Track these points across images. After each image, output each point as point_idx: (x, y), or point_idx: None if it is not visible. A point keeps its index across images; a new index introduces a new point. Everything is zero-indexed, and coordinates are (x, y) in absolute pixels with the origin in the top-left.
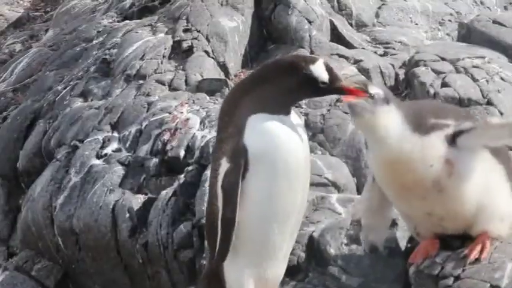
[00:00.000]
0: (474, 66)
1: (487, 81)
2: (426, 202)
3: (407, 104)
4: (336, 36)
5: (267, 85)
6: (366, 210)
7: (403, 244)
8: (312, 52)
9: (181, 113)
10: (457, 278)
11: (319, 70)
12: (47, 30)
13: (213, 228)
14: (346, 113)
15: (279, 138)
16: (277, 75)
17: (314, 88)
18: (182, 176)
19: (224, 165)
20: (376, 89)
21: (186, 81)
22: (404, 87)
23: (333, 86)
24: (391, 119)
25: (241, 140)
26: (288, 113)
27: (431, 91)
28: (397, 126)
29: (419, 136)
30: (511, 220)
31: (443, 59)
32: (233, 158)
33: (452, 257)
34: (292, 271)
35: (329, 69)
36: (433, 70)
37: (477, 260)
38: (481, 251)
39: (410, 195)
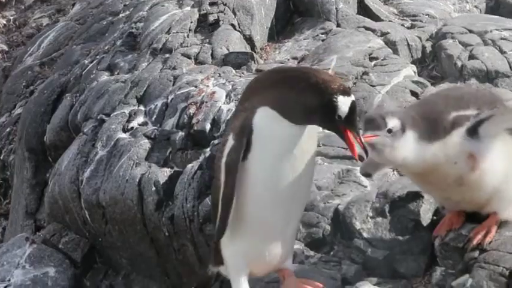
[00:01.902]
0: (502, 39)
1: None
2: (445, 192)
3: (422, 110)
4: (363, 9)
5: (291, 88)
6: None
7: (428, 217)
8: (338, 25)
9: (207, 86)
10: (483, 250)
11: (344, 103)
12: (73, 5)
13: (214, 203)
14: (372, 85)
15: (285, 126)
16: (305, 87)
17: (328, 117)
18: (208, 149)
19: (230, 141)
20: (393, 121)
21: (212, 54)
22: (431, 59)
23: (344, 125)
24: (408, 146)
25: (251, 118)
26: (295, 122)
27: (459, 64)
28: (415, 148)
29: (439, 140)
30: None
31: (470, 31)
32: (238, 135)
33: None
34: (317, 244)
35: (352, 109)
36: (460, 42)
37: (480, 244)
38: (485, 236)
39: (431, 187)
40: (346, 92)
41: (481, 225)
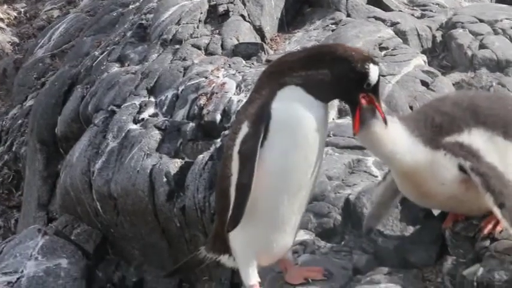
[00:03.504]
0: None
1: None
2: (444, 206)
3: (414, 115)
4: None
5: (319, 65)
6: (375, 203)
7: None
8: (348, 15)
9: (218, 77)
10: (494, 239)
11: (375, 71)
12: None
13: (222, 192)
14: (382, 75)
15: (304, 112)
16: (333, 59)
17: (358, 85)
18: (219, 140)
19: (244, 129)
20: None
21: (222, 45)
22: (442, 49)
23: (372, 93)
24: (399, 133)
25: (269, 105)
26: (322, 100)
27: (469, 53)
28: (403, 138)
29: (429, 150)
30: None
31: (481, 20)
32: (255, 122)
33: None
34: (328, 234)
35: (379, 78)
36: (470, 32)
37: (490, 233)
38: (496, 225)
39: (428, 202)
40: (374, 61)
41: (491, 216)
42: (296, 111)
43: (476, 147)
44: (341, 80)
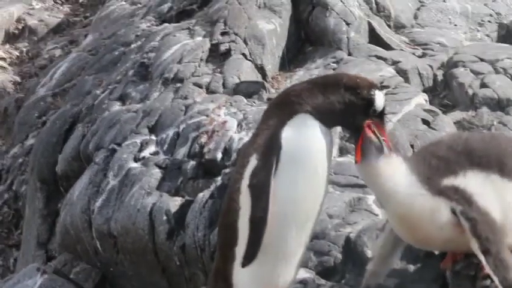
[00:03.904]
0: None
1: None
2: (443, 248)
3: (413, 158)
4: (374, 38)
5: (326, 93)
6: (376, 257)
7: None
8: (349, 54)
9: (219, 115)
10: None
11: (380, 97)
12: (86, 35)
13: (227, 226)
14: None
15: (315, 141)
16: (339, 87)
17: (364, 112)
18: (219, 178)
19: (253, 162)
20: (388, 147)
21: (223, 84)
22: (443, 88)
23: (378, 119)
24: (399, 170)
25: (279, 134)
26: (328, 127)
27: (470, 92)
28: (404, 178)
29: (428, 194)
30: None
31: (482, 59)
32: (265, 154)
33: None
34: (328, 272)
35: (384, 104)
36: (471, 71)
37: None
38: None
39: (427, 246)
40: (379, 87)
41: None
42: (307, 139)
43: (470, 190)
44: (347, 107)
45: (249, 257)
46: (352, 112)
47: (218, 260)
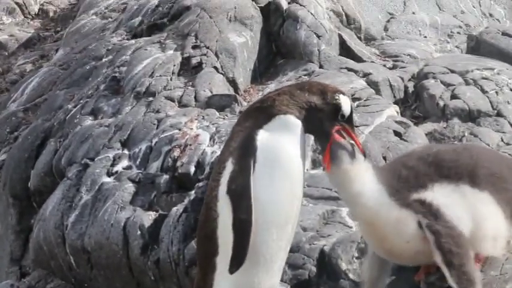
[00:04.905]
0: (483, 78)
1: (497, 92)
2: (414, 261)
3: (385, 168)
4: (345, 50)
5: (300, 92)
6: (366, 282)
7: None
8: (321, 66)
9: (191, 129)
10: None
11: (346, 101)
12: (57, 50)
13: (206, 237)
14: (355, 126)
15: (291, 141)
16: (308, 92)
17: (332, 117)
18: (193, 192)
19: (229, 167)
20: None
21: (195, 97)
22: (414, 99)
23: (347, 124)
24: (368, 175)
25: (254, 136)
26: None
27: (441, 103)
28: (372, 184)
29: (395, 205)
30: (504, 238)
31: (452, 71)
32: (241, 157)
33: None
34: (303, 286)
35: (352, 109)
36: (442, 82)
37: None
38: None
39: (397, 260)
40: (344, 93)
41: None
42: (282, 139)
43: (437, 203)
44: (315, 113)
45: (238, 262)
46: (319, 118)
47: (198, 272)
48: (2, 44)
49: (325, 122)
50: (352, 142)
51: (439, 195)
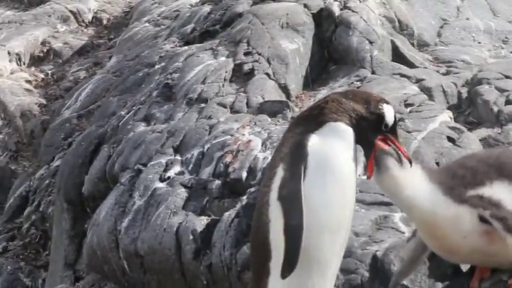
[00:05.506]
0: None
1: None
2: (470, 260)
3: (439, 168)
4: (398, 57)
5: (347, 102)
6: (406, 259)
7: None
8: (373, 72)
9: (243, 135)
10: None
11: (390, 111)
12: (110, 57)
13: (259, 243)
14: (408, 132)
15: (342, 146)
16: (354, 101)
17: (375, 127)
18: (245, 197)
19: (280, 173)
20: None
21: (247, 103)
22: (467, 105)
23: (391, 133)
24: (418, 177)
25: (305, 140)
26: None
27: (495, 109)
28: (424, 185)
29: (450, 201)
30: None
31: (507, 76)
32: (292, 163)
33: None
34: None
35: (396, 118)
36: (496, 88)
37: None
38: None
39: (453, 257)
40: (387, 101)
41: None
42: (334, 144)
43: (497, 197)
44: (360, 121)
45: (289, 267)
46: (363, 127)
47: (252, 277)
48: (57, 52)
49: (368, 132)
50: (398, 149)
51: (499, 191)
